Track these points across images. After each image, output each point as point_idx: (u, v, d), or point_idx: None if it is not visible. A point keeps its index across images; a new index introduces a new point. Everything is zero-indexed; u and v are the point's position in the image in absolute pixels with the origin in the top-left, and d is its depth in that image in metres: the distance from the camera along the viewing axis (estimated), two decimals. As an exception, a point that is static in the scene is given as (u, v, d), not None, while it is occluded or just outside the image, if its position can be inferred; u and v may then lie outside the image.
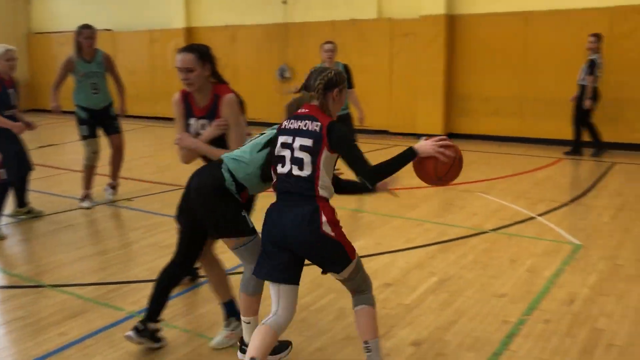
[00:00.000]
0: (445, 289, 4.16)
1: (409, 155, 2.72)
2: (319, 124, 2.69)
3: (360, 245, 5.05)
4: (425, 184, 2.91)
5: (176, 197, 3.41)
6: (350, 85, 7.16)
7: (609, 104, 9.59)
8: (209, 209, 2.95)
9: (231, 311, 3.44)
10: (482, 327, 3.56)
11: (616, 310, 3.78)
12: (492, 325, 3.59)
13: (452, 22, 10.87)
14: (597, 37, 8.95)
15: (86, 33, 6.28)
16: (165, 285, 3.27)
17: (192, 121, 3.40)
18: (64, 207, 6.55)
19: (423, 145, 2.72)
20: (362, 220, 5.88)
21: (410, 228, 5.60)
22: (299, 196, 2.68)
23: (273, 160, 2.80)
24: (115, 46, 14.97)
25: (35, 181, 7.98)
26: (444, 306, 3.88)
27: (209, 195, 2.94)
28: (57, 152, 10.79)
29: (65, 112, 7.48)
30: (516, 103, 10.42)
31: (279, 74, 12.84)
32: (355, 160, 2.64)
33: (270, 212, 2.78)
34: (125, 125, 7.44)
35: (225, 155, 3.05)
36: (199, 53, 3.24)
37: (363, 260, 4.54)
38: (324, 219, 2.64)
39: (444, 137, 2.83)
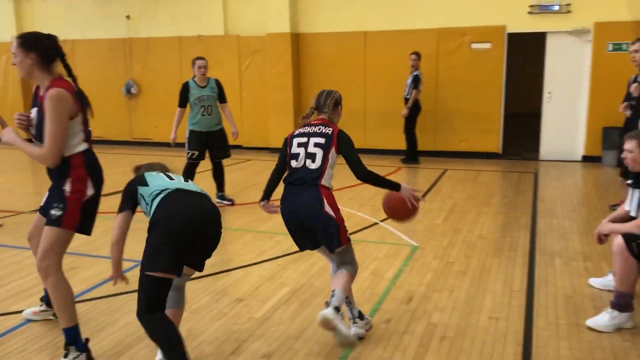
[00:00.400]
0: (296, 299, 4.28)
1: (394, 185, 3.55)
2: (330, 129, 3.56)
3: (210, 263, 5.03)
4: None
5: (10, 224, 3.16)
6: (223, 100, 7.19)
7: (439, 116, 10.53)
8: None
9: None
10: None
11: (448, 304, 4.16)
12: (339, 329, 3.77)
13: (297, 40, 11.26)
14: (417, 55, 9.85)
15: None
16: None
17: (33, 111, 3.31)
18: None
19: (405, 189, 3.55)
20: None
21: (262, 241, 5.69)
22: (309, 184, 3.45)
23: (287, 158, 3.56)
24: None
25: None
26: (295, 316, 4.00)
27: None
28: None
29: None
30: (360, 116, 11.03)
31: (126, 89, 12.38)
32: (357, 161, 3.48)
33: (286, 197, 3.53)
34: None
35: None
36: (23, 39, 3.21)
37: (213, 277, 4.48)
38: (325, 201, 3.42)
39: (420, 193, 3.68)
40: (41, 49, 3.18)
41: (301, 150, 3.52)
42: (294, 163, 3.53)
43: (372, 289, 4.46)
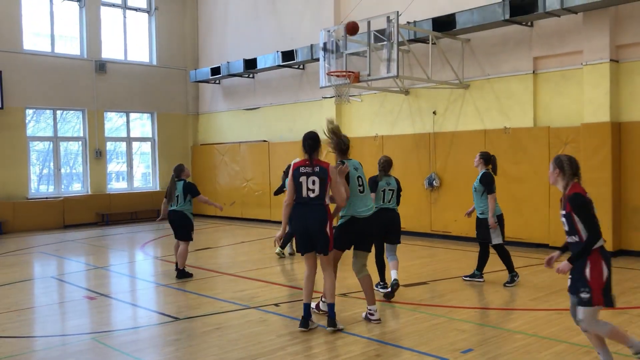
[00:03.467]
0: None
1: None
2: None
3: (518, 371, 4.68)
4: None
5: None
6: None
7: None
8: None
9: None
10: None
11: None
12: None
13: (618, 130, 10.37)
14: None
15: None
16: None
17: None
18: (215, 309, 6.93)
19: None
20: (518, 343, 5.49)
21: (578, 355, 5.11)
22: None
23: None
24: (270, 154, 16.24)
25: (191, 283, 8.58)
26: None
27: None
28: (212, 255, 11.54)
29: (221, 217, 8.05)
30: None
31: (428, 182, 12.94)
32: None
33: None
34: (274, 231, 7.83)
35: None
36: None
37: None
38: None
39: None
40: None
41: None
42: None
43: None
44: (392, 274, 7.29)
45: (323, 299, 6.48)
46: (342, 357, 5.21)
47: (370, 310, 6.19)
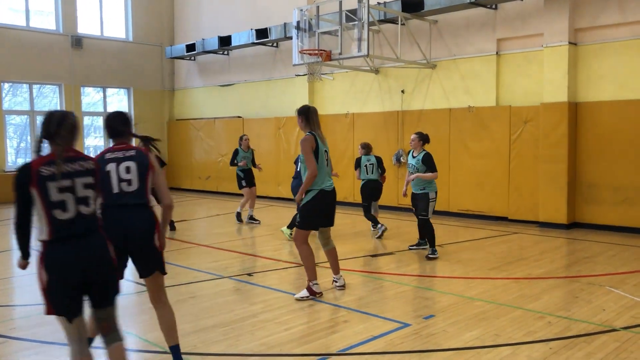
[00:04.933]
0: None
1: None
2: None
3: (474, 335, 4.82)
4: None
5: (293, 274, 3.47)
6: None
7: None
8: None
9: None
10: None
11: None
12: None
13: (575, 109, 10.54)
14: None
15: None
16: None
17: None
18: (189, 279, 6.92)
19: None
20: (477, 309, 5.62)
21: (532, 320, 5.26)
22: None
23: None
24: (244, 130, 16.11)
25: (166, 254, 8.51)
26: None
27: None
28: (188, 227, 11.47)
29: (197, 191, 7.97)
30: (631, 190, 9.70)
31: (395, 158, 13.01)
32: None
33: None
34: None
35: None
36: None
37: (477, 351, 4.31)
38: None
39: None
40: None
41: None
42: None
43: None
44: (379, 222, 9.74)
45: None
46: (312, 323, 5.27)
47: (335, 278, 6.36)
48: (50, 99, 17.37)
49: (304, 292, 6.01)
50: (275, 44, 15.79)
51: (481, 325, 5.11)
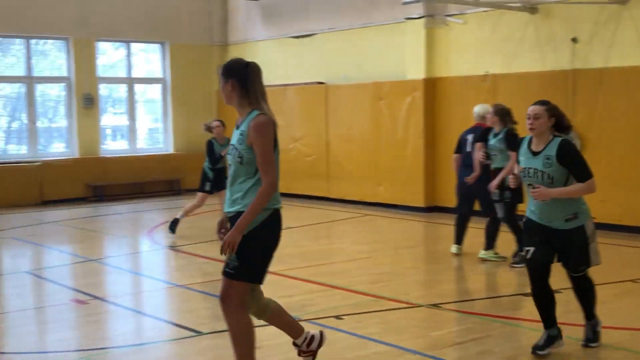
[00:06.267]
0: None
1: None
2: None
3: None
4: None
5: (402, 318, 3.36)
6: None
7: None
8: None
9: None
10: None
11: None
12: None
13: None
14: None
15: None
16: None
17: None
18: (251, 322, 6.93)
19: None
20: None
21: None
22: None
23: None
24: (328, 102, 16.17)
25: (217, 284, 8.61)
26: None
27: None
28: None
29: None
30: None
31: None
32: None
33: None
34: (336, 213, 7.77)
35: None
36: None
37: None
38: None
39: None
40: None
41: None
42: None
43: None
44: None
45: None
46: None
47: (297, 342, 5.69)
48: (52, 60, 18.17)
49: None
50: (375, -27, 15.78)
51: None
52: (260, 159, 4.84)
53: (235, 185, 4.95)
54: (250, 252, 4.96)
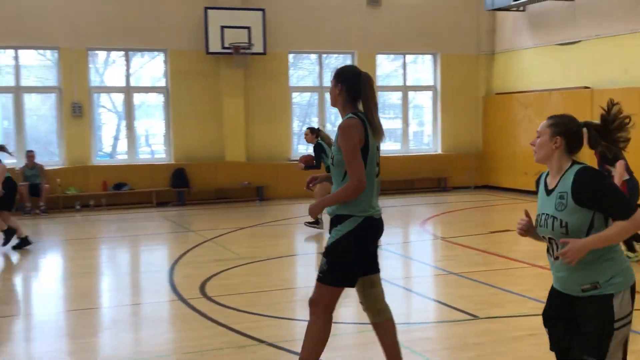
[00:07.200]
0: None
1: None
2: None
3: None
4: None
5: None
6: None
7: None
8: None
9: None
10: None
11: None
12: None
13: None
14: None
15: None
16: None
17: None
18: (525, 311, 7.48)
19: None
20: None
21: None
22: None
23: None
24: (594, 106, 16.19)
25: (489, 274, 9.32)
26: None
27: None
28: (514, 240, 11.64)
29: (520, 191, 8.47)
30: None
31: None
32: None
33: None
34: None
35: None
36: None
37: None
38: None
39: None
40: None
41: None
42: None
43: None
44: None
45: None
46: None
47: None
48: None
49: None
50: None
51: None
52: (345, 159, 4.82)
53: (334, 186, 5.03)
54: (338, 258, 4.94)
